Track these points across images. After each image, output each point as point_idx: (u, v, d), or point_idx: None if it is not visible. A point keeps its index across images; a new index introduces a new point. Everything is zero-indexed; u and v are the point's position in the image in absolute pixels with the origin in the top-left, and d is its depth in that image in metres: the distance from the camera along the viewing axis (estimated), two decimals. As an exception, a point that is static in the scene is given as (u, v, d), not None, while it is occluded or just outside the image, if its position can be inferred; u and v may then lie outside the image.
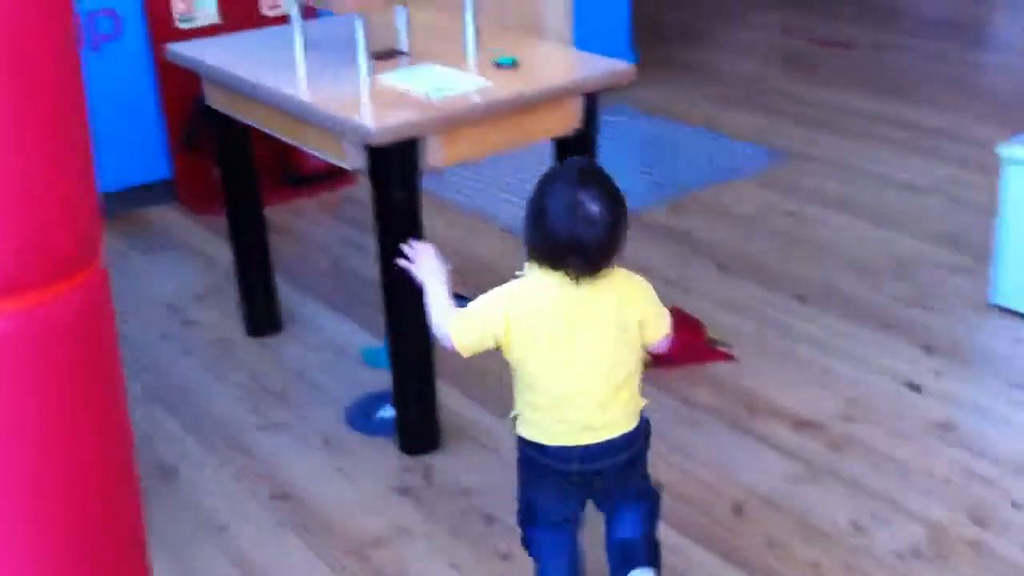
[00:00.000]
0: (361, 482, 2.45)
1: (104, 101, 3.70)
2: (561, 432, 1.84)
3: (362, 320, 3.06)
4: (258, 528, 2.32)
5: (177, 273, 3.44)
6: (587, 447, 1.85)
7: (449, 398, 2.72)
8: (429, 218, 3.65)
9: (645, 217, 3.76)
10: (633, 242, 3.53)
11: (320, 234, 3.68)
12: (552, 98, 2.50)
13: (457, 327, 1.83)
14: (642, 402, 1.92)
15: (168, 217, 3.83)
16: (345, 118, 2.33)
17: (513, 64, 2.61)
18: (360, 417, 2.65)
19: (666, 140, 4.46)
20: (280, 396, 2.77)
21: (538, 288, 1.81)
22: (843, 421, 2.63)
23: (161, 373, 2.89)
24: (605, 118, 4.68)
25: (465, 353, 1.85)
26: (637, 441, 1.91)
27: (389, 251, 2.43)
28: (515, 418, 1.90)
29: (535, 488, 1.92)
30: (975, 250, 3.32)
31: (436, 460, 2.51)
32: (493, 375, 2.69)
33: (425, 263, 1.94)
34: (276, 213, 3.78)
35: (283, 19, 2.66)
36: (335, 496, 2.41)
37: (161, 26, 3.71)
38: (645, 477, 1.99)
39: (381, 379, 2.65)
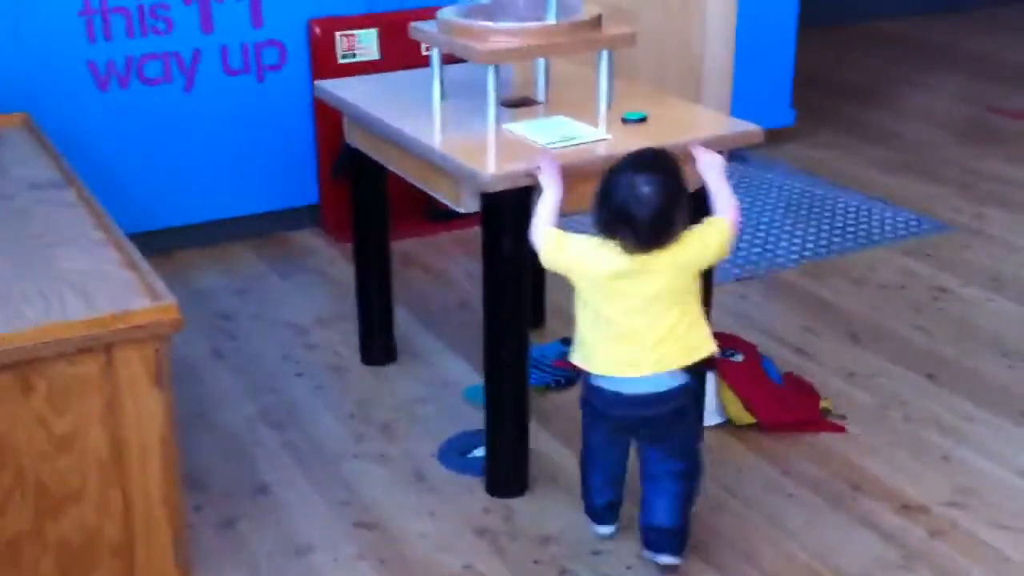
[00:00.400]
0: (443, 520, 2.48)
1: (263, 128, 3.90)
2: (611, 363, 2.16)
3: (475, 358, 3.09)
4: (338, 554, 2.38)
5: (309, 296, 3.56)
6: (631, 396, 2.16)
7: (543, 442, 2.73)
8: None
9: (779, 277, 3.69)
10: (762, 302, 3.51)
11: (452, 269, 3.75)
12: (670, 155, 2.49)
13: (548, 241, 2.20)
14: (694, 354, 2.18)
15: (310, 241, 3.98)
16: (461, 163, 2.39)
17: (641, 120, 2.62)
18: (452, 454, 2.69)
19: (817, 199, 4.36)
20: (382, 426, 2.84)
21: (602, 251, 2.13)
22: (950, 508, 2.52)
23: (276, 393, 3.00)
24: (758, 173, 4.67)
25: (544, 263, 2.21)
26: (681, 397, 2.20)
27: (494, 296, 2.48)
28: (573, 350, 2.23)
29: (587, 429, 2.27)
30: None
31: (519, 504, 2.52)
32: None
33: (550, 174, 2.25)
34: (413, 246, 3.90)
35: (448, 59, 2.73)
36: (416, 530, 2.45)
37: (324, 60, 3.86)
38: (692, 440, 2.29)
39: (481, 418, 2.68)
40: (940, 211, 4.24)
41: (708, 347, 2.21)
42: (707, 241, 2.19)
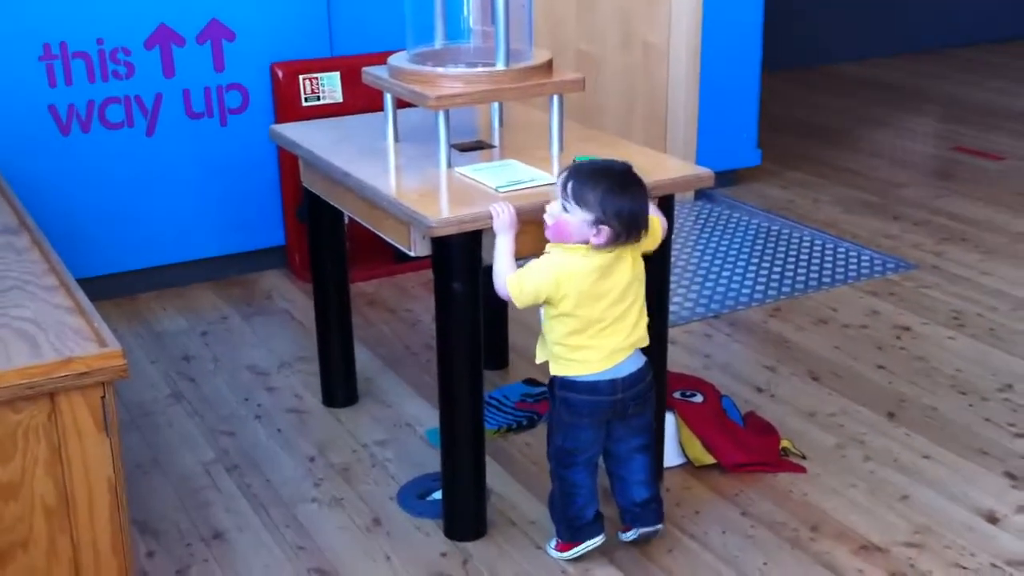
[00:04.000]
0: (399, 564, 2.46)
1: (226, 171, 3.91)
2: (599, 359, 2.31)
3: (437, 399, 3.09)
4: (291, 600, 2.36)
5: (271, 338, 3.55)
6: (624, 378, 2.33)
7: (503, 484, 2.73)
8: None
9: (742, 317, 3.70)
10: (726, 342, 3.52)
11: (417, 311, 3.75)
12: (620, 198, 2.50)
13: (515, 285, 2.29)
14: (646, 322, 2.41)
15: (275, 283, 3.97)
16: (410, 207, 2.39)
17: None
18: (411, 498, 2.68)
19: (782, 239, 4.39)
20: (341, 470, 2.82)
21: (575, 260, 2.28)
22: (908, 548, 2.52)
23: (235, 437, 2.98)
24: (724, 212, 4.70)
25: (518, 305, 2.31)
26: (650, 369, 2.41)
27: (447, 339, 2.48)
28: (546, 363, 2.37)
29: (576, 429, 2.36)
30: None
31: (477, 548, 2.51)
32: (543, 466, 2.70)
33: (504, 221, 2.32)
34: (379, 287, 3.91)
35: (405, 102, 2.73)
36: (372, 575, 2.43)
37: (287, 103, 3.87)
38: (654, 412, 2.48)
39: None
40: (904, 250, 4.27)
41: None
42: (654, 229, 2.38)
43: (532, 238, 2.44)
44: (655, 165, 2.69)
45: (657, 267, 2.62)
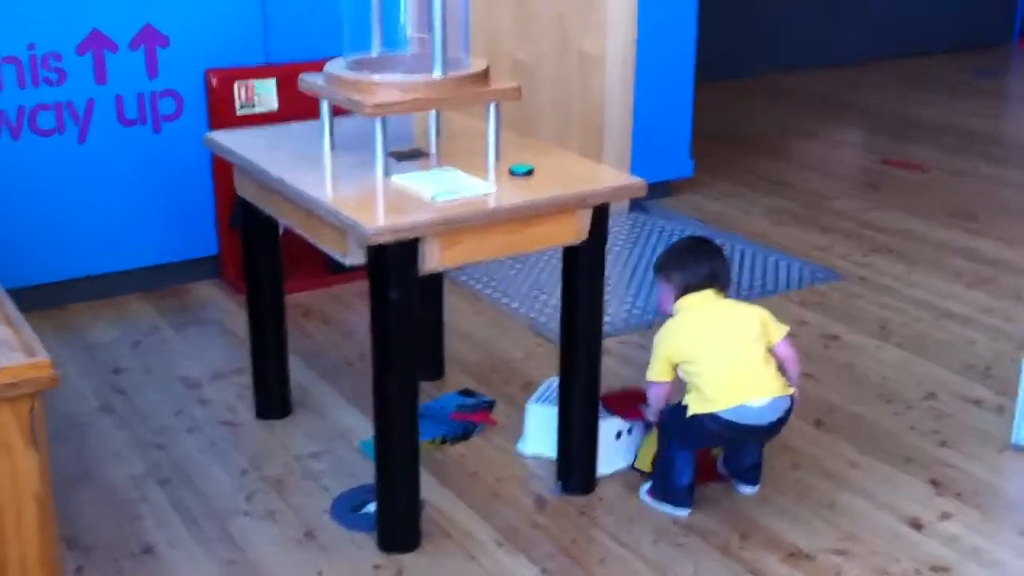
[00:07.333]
0: (332, 577, 2.46)
1: (160, 179, 3.87)
2: (728, 398, 2.57)
3: (372, 410, 3.09)
4: (224, 613, 2.35)
5: (204, 349, 3.53)
6: (759, 407, 2.60)
7: (438, 496, 2.73)
8: (459, 311, 3.74)
9: (675, 328, 3.74)
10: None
11: (352, 321, 3.74)
12: (555, 209, 2.53)
13: (656, 376, 2.72)
14: (787, 385, 2.68)
15: (208, 293, 3.94)
16: (346, 215, 2.39)
17: (527, 172, 2.65)
18: (344, 510, 2.67)
19: (715, 251, 4.44)
20: (274, 483, 2.81)
21: (691, 315, 2.72)
22: (834, 555, 2.57)
23: (166, 450, 2.95)
24: (657, 223, 4.75)
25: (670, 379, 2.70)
26: (789, 410, 2.68)
27: (382, 350, 2.48)
28: (685, 406, 2.64)
29: (693, 445, 2.70)
30: (1012, 390, 3.22)
31: (410, 560, 2.51)
32: (482, 478, 2.71)
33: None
34: (313, 298, 3.89)
35: (341, 110, 2.73)
36: (305, 588, 2.43)
37: (221, 111, 3.85)
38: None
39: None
40: (832, 261, 4.35)
41: None
42: (771, 319, 2.82)
43: (466, 248, 2.46)
44: (590, 175, 2.72)
45: (591, 278, 2.66)
